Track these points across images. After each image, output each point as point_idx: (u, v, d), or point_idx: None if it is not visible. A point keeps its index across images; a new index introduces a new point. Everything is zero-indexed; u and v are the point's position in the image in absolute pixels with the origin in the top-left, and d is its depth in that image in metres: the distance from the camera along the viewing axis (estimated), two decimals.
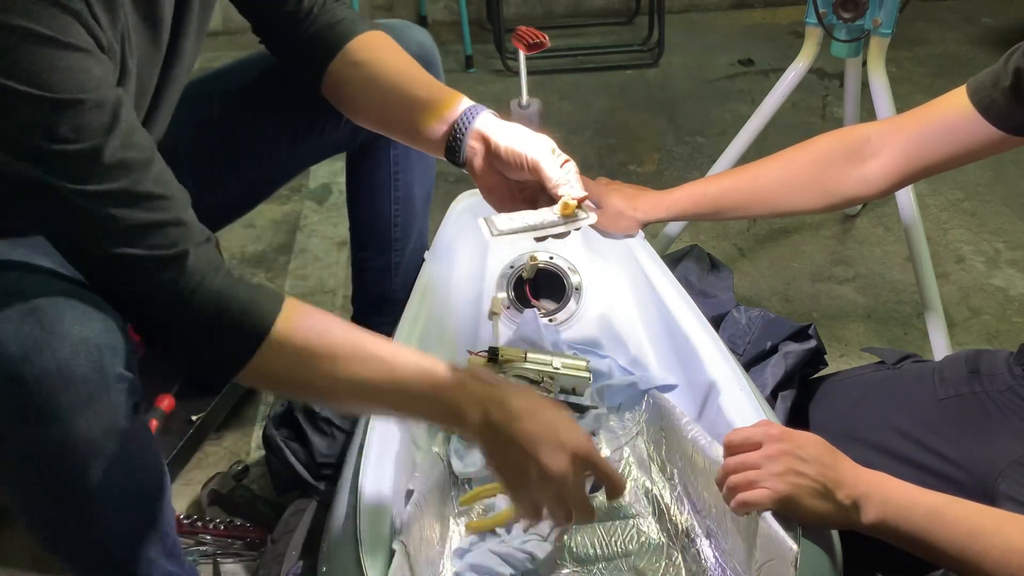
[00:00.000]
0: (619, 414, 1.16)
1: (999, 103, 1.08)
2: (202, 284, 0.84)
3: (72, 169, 0.79)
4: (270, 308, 0.87)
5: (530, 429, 0.87)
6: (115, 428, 0.88)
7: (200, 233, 0.86)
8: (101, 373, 0.85)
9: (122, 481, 0.92)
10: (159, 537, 1.02)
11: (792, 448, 0.89)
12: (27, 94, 0.75)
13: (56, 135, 0.77)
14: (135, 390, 0.90)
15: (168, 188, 0.85)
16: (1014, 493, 0.96)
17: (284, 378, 0.90)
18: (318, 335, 0.88)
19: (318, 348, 0.87)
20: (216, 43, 3.05)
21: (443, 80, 1.33)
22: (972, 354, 1.12)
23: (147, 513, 0.99)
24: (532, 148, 1.03)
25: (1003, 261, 2.04)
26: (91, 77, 0.79)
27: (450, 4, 3.29)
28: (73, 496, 0.90)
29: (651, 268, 1.24)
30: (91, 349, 0.84)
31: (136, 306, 0.86)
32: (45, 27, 0.76)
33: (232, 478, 1.48)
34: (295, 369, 0.88)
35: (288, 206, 2.26)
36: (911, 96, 2.51)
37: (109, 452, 0.89)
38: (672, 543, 1.03)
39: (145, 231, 0.82)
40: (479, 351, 1.10)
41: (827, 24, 1.68)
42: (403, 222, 1.46)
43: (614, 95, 2.83)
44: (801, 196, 1.25)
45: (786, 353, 1.19)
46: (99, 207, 0.80)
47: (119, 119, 0.81)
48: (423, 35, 1.33)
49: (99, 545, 0.96)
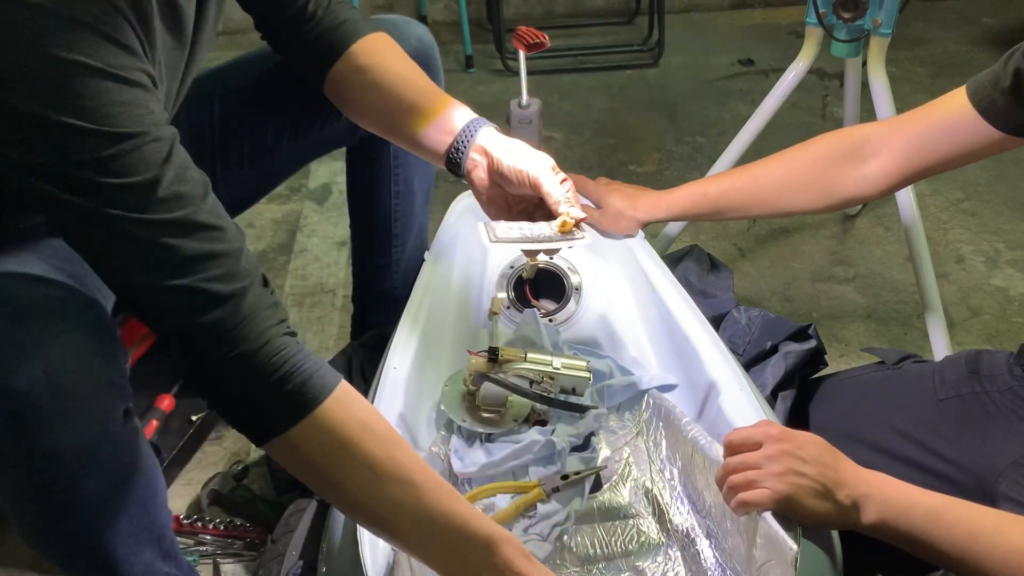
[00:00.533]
0: (619, 414, 1.16)
1: (999, 104, 1.08)
2: (266, 334, 0.80)
3: (129, 200, 0.76)
4: (328, 382, 0.82)
5: None
6: (105, 434, 0.87)
7: (256, 270, 0.83)
8: (90, 380, 0.84)
9: (114, 486, 0.92)
10: (155, 539, 1.02)
11: (793, 448, 0.89)
12: (88, 129, 0.74)
13: (115, 170, 0.75)
14: (125, 395, 0.89)
15: (223, 221, 0.82)
16: (1014, 494, 0.97)
17: (315, 461, 0.83)
18: (363, 425, 0.83)
19: (358, 440, 0.82)
20: (216, 43, 3.04)
21: (442, 78, 1.34)
22: (972, 354, 1.12)
23: (141, 516, 0.98)
24: (534, 166, 1.06)
25: (1003, 261, 2.04)
26: (150, 112, 0.78)
27: (450, 4, 3.29)
28: (64, 502, 0.90)
29: (651, 268, 1.24)
30: (80, 356, 0.83)
31: (181, 343, 0.81)
32: (108, 64, 0.75)
33: (232, 478, 1.48)
34: (323, 457, 0.82)
35: (288, 206, 2.26)
36: (911, 96, 2.52)
37: (99, 458, 0.88)
38: (672, 543, 1.03)
39: (199, 261, 0.78)
40: (479, 351, 1.10)
41: (827, 24, 1.68)
42: (403, 217, 1.46)
43: (614, 95, 2.83)
44: (801, 196, 1.25)
45: (786, 353, 1.19)
46: (154, 235, 0.77)
47: (173, 153, 0.79)
48: (422, 31, 1.34)
49: (94, 549, 0.96)
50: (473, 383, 1.08)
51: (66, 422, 0.83)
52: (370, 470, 0.81)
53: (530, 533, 0.99)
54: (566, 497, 1.03)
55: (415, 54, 1.25)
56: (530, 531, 0.99)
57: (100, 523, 0.94)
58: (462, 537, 0.82)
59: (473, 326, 1.22)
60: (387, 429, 0.86)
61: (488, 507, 1.04)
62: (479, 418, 1.10)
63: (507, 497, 1.03)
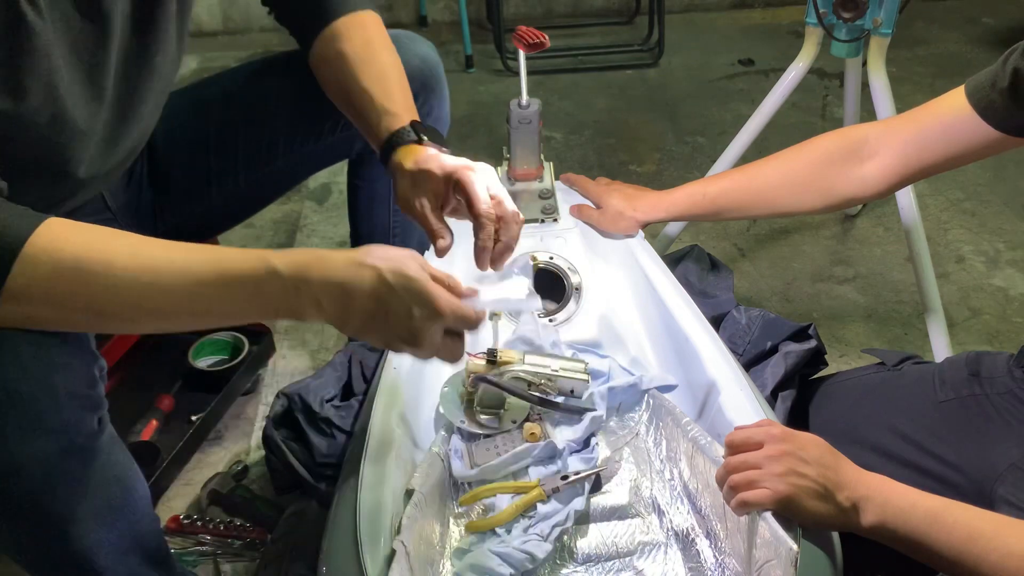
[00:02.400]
0: (619, 414, 1.16)
1: (997, 103, 1.08)
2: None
3: None
4: (25, 223, 0.78)
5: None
6: (71, 447, 0.86)
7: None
8: (50, 393, 0.83)
9: (87, 497, 0.91)
10: (139, 547, 1.01)
11: (794, 449, 0.89)
12: None
13: None
14: (94, 405, 0.88)
15: None
16: (1012, 497, 0.97)
17: (52, 296, 0.79)
18: (86, 244, 0.79)
19: (88, 257, 0.78)
20: (216, 43, 3.06)
21: (446, 90, 1.33)
22: (973, 356, 1.12)
23: (121, 525, 0.97)
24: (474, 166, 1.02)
25: (1003, 261, 2.04)
26: None
27: (450, 4, 3.29)
28: (34, 515, 0.88)
29: (651, 268, 1.24)
30: (39, 368, 0.82)
31: None
32: None
33: (232, 478, 1.48)
34: (60, 284, 0.78)
35: (288, 206, 2.26)
36: (911, 96, 2.52)
37: (67, 470, 0.87)
38: (672, 543, 1.03)
39: None
40: (478, 352, 1.10)
41: (827, 24, 1.68)
42: (402, 232, 1.46)
43: (614, 95, 2.83)
44: (800, 196, 1.25)
45: (786, 353, 1.19)
46: None
47: None
48: (426, 49, 1.31)
49: (73, 559, 0.95)
50: (471, 385, 1.09)
51: (25, 436, 0.82)
52: (114, 271, 0.79)
53: (530, 533, 0.99)
54: (566, 497, 1.03)
55: (417, 74, 1.24)
56: (530, 531, 0.99)
57: (76, 534, 0.92)
58: (241, 275, 0.81)
59: None
60: (116, 234, 0.83)
61: (488, 507, 1.04)
62: (477, 420, 1.10)
63: (507, 497, 1.03)
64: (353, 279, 0.82)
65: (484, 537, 1.01)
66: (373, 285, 0.82)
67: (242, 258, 0.82)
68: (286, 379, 1.67)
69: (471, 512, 1.05)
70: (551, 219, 1.31)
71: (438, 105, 1.33)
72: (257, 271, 0.82)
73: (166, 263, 0.81)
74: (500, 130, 2.48)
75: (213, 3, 3.17)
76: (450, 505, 1.06)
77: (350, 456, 1.03)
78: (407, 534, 0.90)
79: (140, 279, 0.80)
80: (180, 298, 0.81)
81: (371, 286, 0.82)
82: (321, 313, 0.83)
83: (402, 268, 0.83)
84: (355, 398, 1.20)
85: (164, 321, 0.86)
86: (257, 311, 0.84)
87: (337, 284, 0.82)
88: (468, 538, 1.01)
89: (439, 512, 1.02)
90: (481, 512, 1.04)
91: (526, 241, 1.29)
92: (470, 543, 1.00)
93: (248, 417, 1.63)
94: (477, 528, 1.01)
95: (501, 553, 0.95)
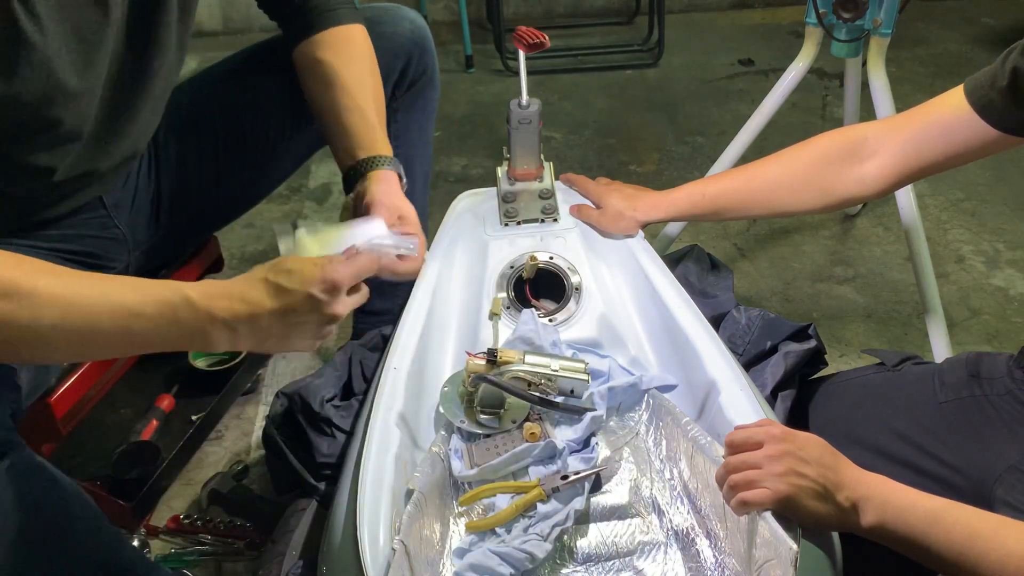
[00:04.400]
0: (619, 414, 1.16)
1: (996, 103, 1.08)
2: None
3: None
4: None
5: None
6: None
7: None
8: None
9: (5, 535, 0.88)
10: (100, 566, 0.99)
11: (794, 449, 0.89)
12: None
13: None
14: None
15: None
16: (1011, 499, 0.96)
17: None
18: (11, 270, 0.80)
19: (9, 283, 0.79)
20: (216, 43, 3.06)
21: (435, 59, 1.44)
22: (973, 357, 1.12)
23: (64, 551, 0.95)
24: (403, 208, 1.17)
25: (1003, 261, 2.05)
26: None
27: (450, 4, 3.29)
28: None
29: (651, 268, 1.24)
30: None
31: None
32: None
33: (232, 478, 1.48)
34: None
35: (288, 206, 2.26)
36: (911, 96, 2.52)
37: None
38: (672, 543, 1.03)
39: None
40: (478, 352, 1.10)
41: (827, 24, 1.68)
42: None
43: (614, 95, 2.83)
44: (799, 196, 1.25)
45: (786, 353, 1.19)
46: None
47: None
48: (414, 15, 1.40)
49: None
50: (471, 385, 1.09)
51: None
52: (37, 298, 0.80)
53: (530, 533, 0.99)
54: (566, 497, 1.03)
55: (410, 35, 1.33)
56: (530, 531, 0.99)
57: (16, 572, 0.89)
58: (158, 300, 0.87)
59: (473, 327, 1.22)
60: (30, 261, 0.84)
61: (488, 507, 1.04)
62: (477, 420, 1.10)
63: (507, 497, 1.03)
64: (249, 291, 0.91)
65: (484, 537, 1.01)
66: (266, 288, 0.91)
67: (162, 286, 0.89)
68: (286, 379, 1.67)
69: (471, 512, 1.05)
70: (551, 219, 1.31)
71: (431, 62, 1.45)
72: (173, 299, 0.88)
73: (88, 287, 0.85)
74: (500, 130, 2.48)
75: (213, 3, 3.17)
76: (450, 505, 1.06)
77: (350, 456, 1.03)
78: (407, 534, 0.90)
79: (61, 299, 0.82)
80: (100, 320, 0.84)
81: (266, 289, 0.91)
82: (236, 337, 0.90)
83: (280, 264, 0.92)
84: (355, 398, 1.20)
85: (82, 346, 0.89)
86: (175, 338, 0.89)
87: (238, 298, 0.90)
88: (468, 538, 1.01)
89: (439, 512, 1.02)
90: (481, 512, 1.04)
91: (526, 241, 1.29)
92: (470, 543, 1.00)
93: (248, 417, 1.64)
94: (477, 528, 1.01)
95: (501, 553, 0.95)
